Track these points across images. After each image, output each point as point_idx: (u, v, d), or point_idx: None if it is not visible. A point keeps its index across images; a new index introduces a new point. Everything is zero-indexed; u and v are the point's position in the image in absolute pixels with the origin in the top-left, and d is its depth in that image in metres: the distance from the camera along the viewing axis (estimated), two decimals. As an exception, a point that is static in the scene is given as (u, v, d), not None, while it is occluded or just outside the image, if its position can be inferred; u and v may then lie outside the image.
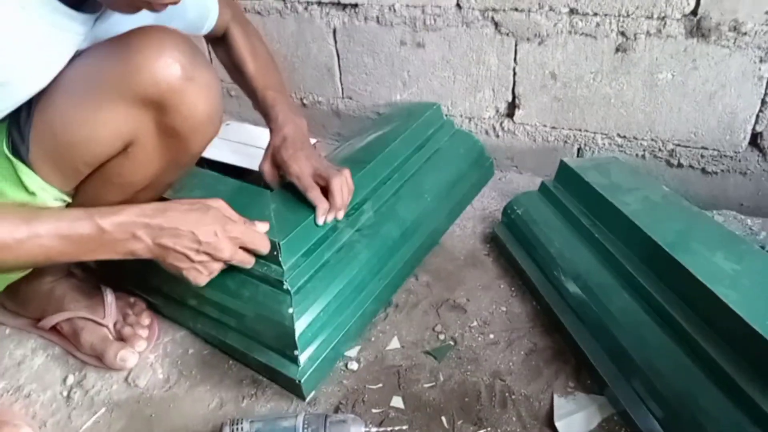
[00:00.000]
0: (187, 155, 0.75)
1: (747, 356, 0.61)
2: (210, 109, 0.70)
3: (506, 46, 1.15)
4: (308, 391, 0.77)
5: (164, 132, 0.69)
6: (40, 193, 0.68)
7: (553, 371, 0.79)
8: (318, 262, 0.82)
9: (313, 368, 0.76)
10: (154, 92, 0.64)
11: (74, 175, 0.71)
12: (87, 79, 0.65)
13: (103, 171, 0.72)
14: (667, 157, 1.13)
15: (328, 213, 0.83)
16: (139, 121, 0.67)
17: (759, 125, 1.02)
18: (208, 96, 0.69)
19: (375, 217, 0.93)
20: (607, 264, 0.83)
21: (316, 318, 0.78)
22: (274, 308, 0.76)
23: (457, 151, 1.18)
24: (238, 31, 0.94)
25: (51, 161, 0.68)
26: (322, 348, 0.78)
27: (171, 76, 0.64)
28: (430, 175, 1.08)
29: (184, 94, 0.66)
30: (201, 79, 0.67)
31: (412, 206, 1.00)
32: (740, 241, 0.76)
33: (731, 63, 0.98)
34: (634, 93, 1.09)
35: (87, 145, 0.67)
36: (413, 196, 1.02)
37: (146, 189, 0.76)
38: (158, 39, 0.64)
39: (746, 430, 0.56)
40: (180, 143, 0.71)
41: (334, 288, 0.82)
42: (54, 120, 0.66)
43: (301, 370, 0.75)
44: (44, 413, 0.78)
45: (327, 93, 1.44)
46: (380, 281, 0.89)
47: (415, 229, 0.99)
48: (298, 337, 0.75)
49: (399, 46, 1.26)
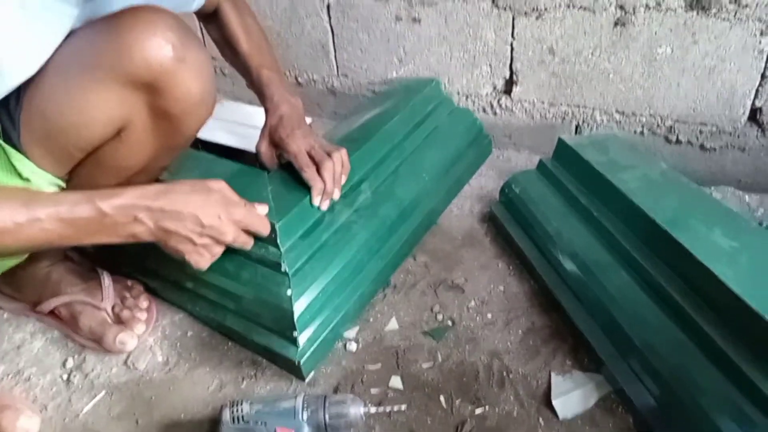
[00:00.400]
0: (181, 138, 0.74)
1: (743, 334, 0.61)
2: (203, 91, 0.69)
3: (503, 20, 1.13)
4: (307, 371, 0.77)
5: (157, 114, 0.68)
6: (33, 178, 0.67)
7: (550, 350, 0.80)
8: (316, 244, 0.81)
9: (312, 349, 0.76)
10: (145, 74, 0.63)
11: (67, 160, 0.70)
12: (77, 62, 0.64)
13: (96, 155, 0.71)
14: (665, 133, 1.12)
15: (323, 195, 0.82)
16: (132, 103, 0.66)
17: (758, 100, 1.01)
18: (200, 77, 0.68)
19: (373, 197, 0.93)
20: (604, 242, 0.83)
21: (315, 299, 0.78)
22: (273, 290, 0.76)
23: (456, 129, 1.16)
24: (230, 7, 0.92)
25: (43, 146, 0.67)
26: (321, 329, 0.78)
27: (163, 57, 0.63)
28: (429, 153, 1.07)
29: (176, 75, 0.65)
30: (193, 60, 0.66)
31: (410, 186, 0.99)
32: (738, 218, 0.76)
33: (731, 36, 0.97)
34: (632, 68, 1.07)
35: (79, 130, 0.66)
36: (411, 176, 1.01)
37: (141, 172, 0.75)
38: (149, 19, 0.63)
39: (742, 408, 0.57)
40: (173, 126, 0.70)
41: (333, 269, 0.81)
42: (45, 104, 0.64)
43: (300, 351, 0.75)
44: (44, 397, 0.79)
45: (322, 71, 1.42)
46: (378, 261, 0.89)
47: (413, 209, 0.98)
48: (297, 318, 0.75)
49: (394, 22, 1.24)
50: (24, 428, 0.72)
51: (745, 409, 0.57)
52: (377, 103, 1.13)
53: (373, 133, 0.99)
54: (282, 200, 0.80)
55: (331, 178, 0.82)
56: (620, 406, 0.71)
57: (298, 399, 0.67)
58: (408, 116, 1.09)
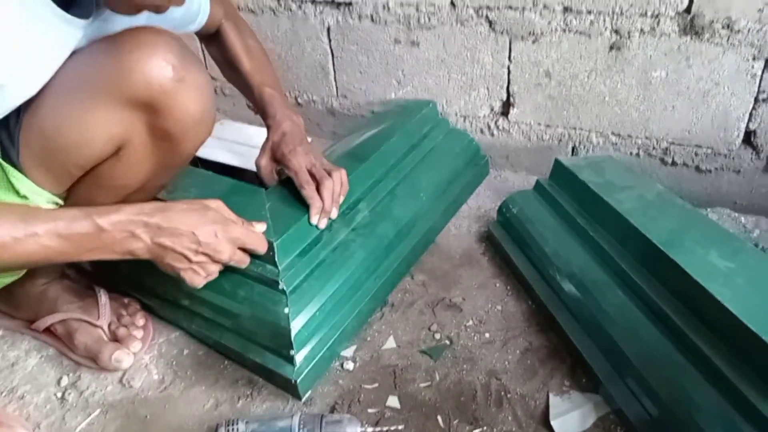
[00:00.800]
0: (180, 157, 0.75)
1: (741, 354, 0.61)
2: (202, 111, 0.70)
3: (500, 44, 1.15)
4: (304, 391, 0.77)
5: (156, 134, 0.69)
6: (32, 196, 0.68)
7: (548, 370, 0.79)
8: (313, 262, 0.82)
9: (309, 368, 0.76)
10: (145, 94, 0.64)
11: (66, 178, 0.70)
12: (77, 81, 0.65)
13: (94, 173, 0.71)
14: (661, 155, 1.13)
15: (321, 213, 0.82)
16: (131, 123, 0.66)
17: (752, 123, 1.02)
18: (200, 97, 0.69)
19: (370, 216, 0.93)
20: (602, 262, 0.83)
21: (312, 318, 0.78)
22: (270, 308, 0.76)
23: (453, 150, 1.18)
24: (231, 27, 0.94)
25: (42, 165, 0.67)
26: (318, 348, 0.78)
27: (162, 77, 0.64)
28: (426, 174, 1.08)
29: (176, 95, 0.66)
30: (193, 81, 0.67)
31: (407, 205, 1.00)
32: (734, 239, 0.76)
33: (724, 61, 0.98)
34: (628, 91, 1.09)
35: (78, 148, 0.67)
36: (409, 195, 1.02)
37: (139, 191, 0.76)
38: (149, 41, 0.64)
39: (740, 428, 0.56)
40: (172, 145, 0.71)
41: (330, 287, 0.81)
42: (44, 123, 0.65)
43: (297, 370, 0.75)
44: (38, 415, 0.78)
45: (321, 92, 1.43)
46: (376, 280, 0.89)
47: (411, 228, 0.99)
48: (294, 337, 0.74)
49: (393, 45, 1.26)
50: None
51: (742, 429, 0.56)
52: (374, 124, 1.15)
53: (370, 153, 1.00)
54: (280, 218, 0.81)
55: (330, 197, 0.82)
56: (618, 427, 0.71)
57: (294, 418, 0.66)
58: (405, 137, 1.10)
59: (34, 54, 0.60)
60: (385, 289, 0.92)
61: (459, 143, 1.20)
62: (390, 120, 1.15)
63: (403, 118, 1.15)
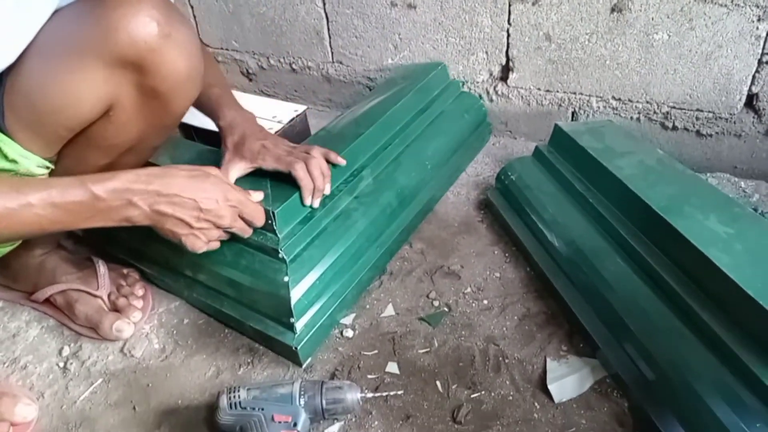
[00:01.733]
0: (170, 116, 0.73)
1: (738, 318, 0.61)
2: (189, 67, 0.68)
3: (500, 6, 1.12)
4: (305, 358, 0.77)
5: (145, 93, 0.67)
6: (21, 160, 0.66)
7: (546, 335, 0.80)
8: (314, 231, 0.81)
9: (310, 335, 0.77)
10: (131, 52, 0.62)
11: (55, 141, 0.69)
12: (62, 42, 0.63)
13: (85, 135, 0.70)
14: (661, 119, 1.12)
15: (314, 193, 0.80)
16: (118, 82, 0.65)
17: (755, 86, 1.01)
18: (186, 53, 0.66)
19: (374, 184, 0.92)
20: (600, 228, 0.83)
21: (312, 286, 0.78)
22: (270, 277, 0.76)
23: (461, 115, 1.15)
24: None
25: (29, 128, 0.66)
26: (318, 315, 0.79)
27: (148, 34, 0.62)
28: (433, 140, 1.06)
29: (162, 52, 0.64)
30: (179, 37, 0.65)
31: (411, 173, 0.99)
32: (733, 204, 0.76)
33: (728, 22, 0.96)
34: (629, 54, 1.07)
35: (65, 110, 0.65)
36: (414, 163, 1.00)
37: (131, 151, 0.74)
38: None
39: (736, 392, 0.57)
40: (161, 103, 0.69)
41: (331, 256, 0.81)
42: (29, 86, 0.63)
43: (298, 338, 0.76)
44: (41, 384, 0.79)
45: (316, 57, 1.41)
46: (377, 249, 0.89)
47: (414, 197, 0.98)
48: (294, 304, 0.75)
49: (389, 8, 1.23)
50: (22, 415, 0.72)
51: (739, 393, 0.57)
52: (384, 89, 1.12)
53: (375, 119, 0.98)
54: (281, 188, 0.80)
55: (320, 174, 0.81)
56: (615, 391, 0.72)
57: (295, 385, 0.67)
58: (412, 102, 1.07)
59: (13, 18, 0.58)
60: (385, 257, 0.92)
61: (468, 107, 1.18)
62: (398, 84, 1.12)
63: (411, 82, 1.12)
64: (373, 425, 0.70)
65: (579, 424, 0.69)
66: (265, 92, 1.54)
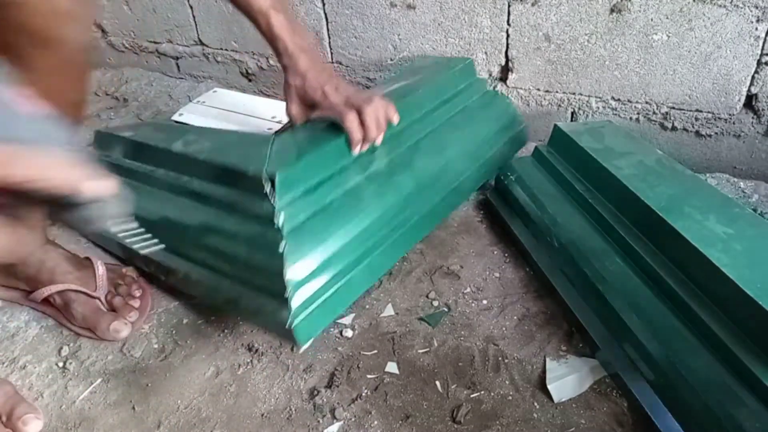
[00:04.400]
0: (59, 56, 0.65)
1: (738, 319, 0.61)
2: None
3: (499, 7, 1.12)
4: (303, 338, 0.71)
5: (23, 32, 0.61)
6: None
7: (545, 335, 0.80)
8: (319, 204, 0.76)
9: (306, 315, 0.71)
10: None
11: None
12: None
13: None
14: (661, 120, 1.12)
15: (363, 142, 0.76)
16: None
17: (754, 87, 1.01)
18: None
19: (388, 165, 0.86)
20: (599, 228, 0.83)
21: (312, 261, 0.72)
22: (266, 247, 0.71)
23: (487, 112, 1.09)
24: None
25: None
26: (319, 294, 0.73)
27: None
28: (455, 132, 1.00)
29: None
30: None
31: (430, 161, 0.92)
32: (733, 205, 0.76)
33: (727, 23, 0.96)
34: (628, 55, 1.07)
35: None
36: (433, 152, 0.94)
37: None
38: None
39: (737, 393, 0.57)
40: (48, 45, 0.62)
41: (336, 233, 0.76)
42: None
43: (293, 315, 0.69)
44: (41, 384, 0.78)
45: (316, 58, 1.41)
46: (391, 233, 0.83)
47: (433, 185, 0.91)
48: (289, 278, 0.69)
49: (389, 8, 1.23)
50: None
51: (739, 394, 0.57)
52: (405, 76, 1.08)
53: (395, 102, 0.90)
54: (284, 155, 0.76)
55: (374, 122, 0.76)
56: (615, 390, 0.72)
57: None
58: (434, 91, 1.02)
59: None
60: (399, 246, 0.86)
61: (495, 105, 1.12)
62: (421, 73, 1.08)
63: (434, 73, 1.08)
64: (373, 425, 0.70)
65: (578, 424, 0.69)
66: (265, 92, 1.54)
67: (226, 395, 0.75)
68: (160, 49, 1.62)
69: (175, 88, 1.59)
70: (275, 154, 0.75)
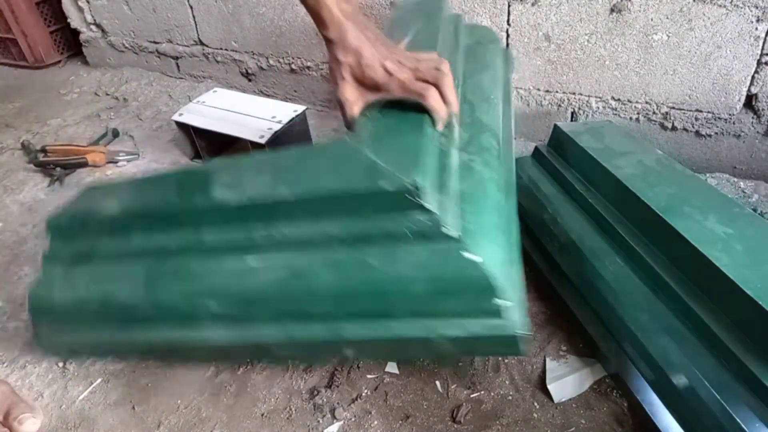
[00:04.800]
0: None
1: (738, 319, 0.61)
2: None
3: (499, 7, 1.12)
4: (523, 339, 0.58)
5: None
6: None
7: (545, 335, 0.80)
8: (457, 194, 0.60)
9: (517, 308, 0.56)
10: None
11: None
12: None
13: None
14: (661, 120, 1.12)
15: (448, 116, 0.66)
16: None
17: (754, 87, 1.01)
18: None
19: (464, 129, 0.71)
20: (599, 228, 0.83)
21: (494, 255, 0.57)
22: (448, 264, 0.55)
23: (486, 47, 0.97)
24: None
25: None
26: (514, 286, 0.58)
27: None
28: (481, 74, 0.88)
29: None
30: None
31: (488, 111, 0.79)
32: (733, 204, 0.76)
33: (727, 23, 0.97)
34: (628, 55, 1.07)
35: None
36: (483, 101, 0.81)
37: None
38: None
39: (738, 394, 0.57)
40: None
41: (485, 217, 0.61)
42: None
43: (512, 319, 0.56)
44: (41, 384, 0.78)
45: (315, 58, 1.41)
46: (509, 198, 0.70)
47: (506, 136, 0.79)
48: (492, 281, 0.54)
49: (389, 9, 1.23)
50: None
51: (739, 393, 0.57)
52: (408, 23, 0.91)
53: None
54: (394, 156, 0.58)
55: (454, 95, 0.66)
56: (615, 390, 0.72)
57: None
58: (446, 34, 0.89)
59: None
60: (515, 208, 0.71)
61: (485, 37, 1.01)
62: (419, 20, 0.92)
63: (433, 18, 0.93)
64: (373, 425, 0.70)
65: (578, 424, 0.69)
66: (265, 92, 1.55)
67: (226, 395, 0.75)
68: (160, 49, 1.63)
69: (175, 88, 1.60)
70: (384, 159, 0.58)
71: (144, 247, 0.68)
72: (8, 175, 1.26)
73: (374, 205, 0.57)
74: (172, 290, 0.66)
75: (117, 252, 0.69)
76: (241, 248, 0.62)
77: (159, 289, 0.66)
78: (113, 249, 0.70)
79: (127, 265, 0.68)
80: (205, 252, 0.64)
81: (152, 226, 0.68)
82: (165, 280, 0.66)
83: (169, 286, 0.66)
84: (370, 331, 0.60)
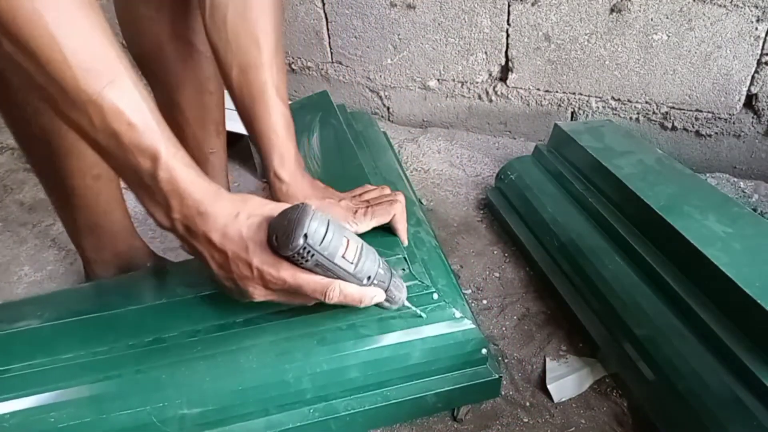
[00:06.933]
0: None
1: (738, 318, 0.61)
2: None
3: (499, 6, 1.12)
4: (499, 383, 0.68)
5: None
6: None
7: (545, 335, 0.80)
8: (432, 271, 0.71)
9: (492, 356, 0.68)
10: None
11: None
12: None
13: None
14: (661, 120, 1.12)
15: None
16: None
17: (754, 87, 1.01)
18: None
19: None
20: (600, 228, 0.83)
21: (466, 310, 0.67)
22: (446, 329, 0.63)
23: (373, 130, 1.12)
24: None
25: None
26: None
27: None
28: (385, 156, 1.02)
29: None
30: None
31: (404, 186, 0.94)
32: (733, 204, 0.76)
33: (727, 23, 0.97)
34: (628, 55, 1.07)
35: None
36: (396, 177, 0.95)
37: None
38: None
39: (737, 393, 0.57)
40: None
41: (448, 278, 0.72)
42: None
43: (492, 365, 0.68)
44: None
45: (315, 58, 1.41)
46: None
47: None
48: (477, 333, 0.64)
49: (389, 8, 1.23)
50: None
51: (739, 394, 0.57)
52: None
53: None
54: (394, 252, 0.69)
55: (405, 215, 0.72)
56: (615, 390, 0.72)
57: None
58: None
59: None
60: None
61: (357, 121, 1.13)
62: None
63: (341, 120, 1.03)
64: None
65: (578, 424, 0.68)
66: (265, 92, 1.54)
67: (226, 395, 0.75)
68: (160, 49, 1.62)
69: (175, 88, 1.59)
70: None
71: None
72: (8, 175, 1.26)
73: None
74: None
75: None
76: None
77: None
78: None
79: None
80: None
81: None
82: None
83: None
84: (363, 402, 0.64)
